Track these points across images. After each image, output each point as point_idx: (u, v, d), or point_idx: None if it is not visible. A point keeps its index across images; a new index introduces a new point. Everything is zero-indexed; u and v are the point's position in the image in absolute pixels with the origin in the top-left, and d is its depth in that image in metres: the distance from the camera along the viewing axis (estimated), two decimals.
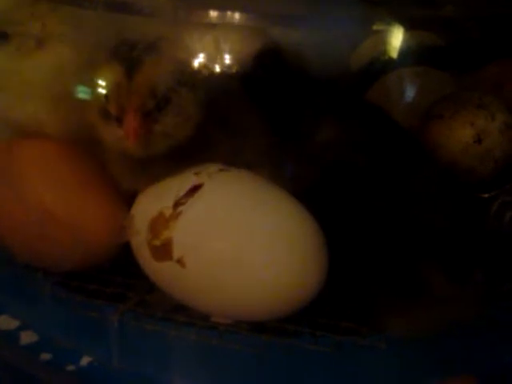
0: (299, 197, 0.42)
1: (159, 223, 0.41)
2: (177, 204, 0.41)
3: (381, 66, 0.49)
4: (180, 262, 0.40)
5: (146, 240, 0.41)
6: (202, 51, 0.44)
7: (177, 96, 0.40)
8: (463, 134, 0.45)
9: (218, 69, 0.45)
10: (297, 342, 0.40)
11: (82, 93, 0.43)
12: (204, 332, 0.41)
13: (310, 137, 0.45)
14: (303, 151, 0.45)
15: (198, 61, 0.44)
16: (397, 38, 0.46)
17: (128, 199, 0.44)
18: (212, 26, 0.44)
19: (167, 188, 0.42)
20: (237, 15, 0.42)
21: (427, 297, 0.41)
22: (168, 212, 0.41)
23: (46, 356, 0.44)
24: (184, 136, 0.41)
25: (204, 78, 0.43)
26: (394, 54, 0.47)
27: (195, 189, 0.41)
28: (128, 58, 0.40)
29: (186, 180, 0.41)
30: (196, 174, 0.42)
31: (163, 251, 0.40)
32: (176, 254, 0.40)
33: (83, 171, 0.45)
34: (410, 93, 0.49)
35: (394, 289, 0.41)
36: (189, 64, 0.43)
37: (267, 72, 0.45)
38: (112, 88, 0.40)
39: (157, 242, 0.41)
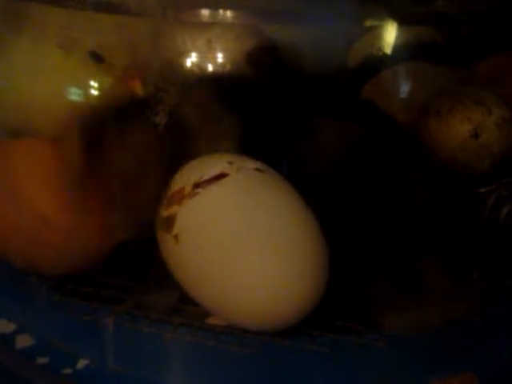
0: None
1: (176, 197, 0.41)
2: (197, 185, 0.41)
3: (376, 63, 0.49)
4: (176, 238, 0.40)
5: (161, 208, 0.42)
6: (194, 50, 0.44)
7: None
8: (460, 129, 0.45)
9: (210, 68, 0.44)
10: (293, 342, 0.40)
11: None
12: (200, 333, 0.41)
13: (304, 135, 0.45)
14: (298, 150, 0.44)
15: (191, 60, 0.43)
16: (392, 34, 0.46)
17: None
18: (203, 24, 0.43)
19: (199, 167, 0.42)
20: (229, 13, 0.41)
21: (425, 294, 0.40)
22: (187, 190, 0.41)
23: (42, 360, 0.43)
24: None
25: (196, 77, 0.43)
26: (390, 50, 0.47)
27: (219, 177, 0.41)
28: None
29: (217, 165, 0.41)
30: (229, 162, 0.41)
31: (168, 223, 0.41)
32: (175, 229, 0.40)
33: (77, 173, 0.45)
34: (406, 89, 0.49)
35: (391, 286, 0.41)
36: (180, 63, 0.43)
37: (261, 70, 0.45)
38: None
39: (165, 213, 0.41)
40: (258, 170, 0.41)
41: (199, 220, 0.40)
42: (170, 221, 0.41)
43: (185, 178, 0.42)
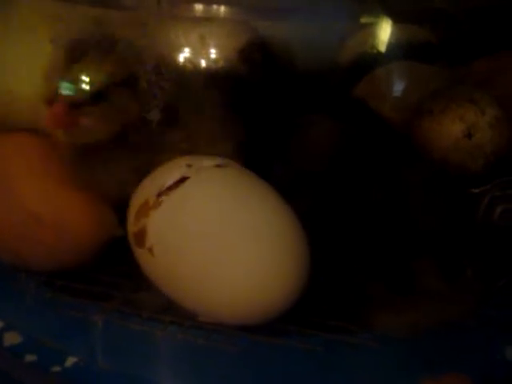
0: (286, 194, 0.41)
1: (142, 210, 0.41)
2: (160, 194, 0.40)
3: (370, 61, 0.49)
4: (150, 250, 0.40)
5: (130, 225, 0.41)
6: (186, 45, 0.43)
7: (115, 95, 0.40)
8: (453, 129, 0.45)
9: (202, 63, 0.44)
10: (285, 340, 0.40)
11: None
12: (190, 331, 0.40)
13: (296, 132, 0.45)
14: (289, 147, 0.44)
15: (183, 55, 0.43)
16: (386, 32, 0.46)
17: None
18: (197, 19, 0.43)
19: (160, 176, 0.42)
20: (222, 8, 0.41)
21: (419, 294, 0.40)
22: (152, 200, 0.40)
23: (30, 357, 0.43)
24: (114, 132, 0.42)
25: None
26: (384, 48, 0.47)
27: (180, 181, 0.40)
28: (76, 48, 0.40)
29: (177, 170, 0.41)
30: (188, 165, 0.41)
31: (139, 237, 0.40)
32: (148, 242, 0.40)
33: (66, 168, 0.44)
34: (399, 87, 0.48)
35: (384, 286, 0.41)
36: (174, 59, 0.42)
37: (253, 66, 0.45)
38: (51, 72, 0.40)
39: (135, 228, 0.41)
40: (218, 166, 0.41)
41: (170, 228, 0.40)
42: (141, 235, 0.40)
43: (147, 190, 0.42)
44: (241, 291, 0.39)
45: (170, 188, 0.40)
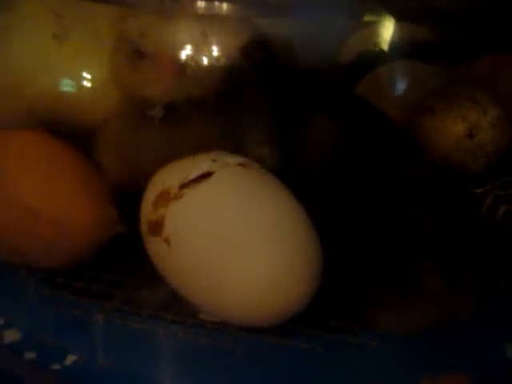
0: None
1: (161, 200, 0.40)
2: (183, 186, 0.40)
3: (371, 59, 0.49)
4: (167, 240, 0.40)
5: (146, 213, 0.41)
6: (187, 42, 0.43)
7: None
8: (455, 129, 0.45)
9: (204, 61, 0.44)
10: (287, 340, 0.39)
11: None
12: (192, 330, 0.40)
13: (297, 130, 0.45)
14: (290, 146, 0.44)
15: (185, 52, 0.43)
16: (388, 31, 0.46)
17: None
18: (198, 16, 0.43)
19: (182, 167, 0.41)
20: (224, 6, 0.41)
21: (420, 293, 0.40)
22: (173, 191, 0.40)
23: (30, 355, 0.43)
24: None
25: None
26: (385, 46, 0.47)
27: (205, 176, 0.40)
28: None
29: (202, 164, 0.41)
30: (213, 160, 0.41)
31: (156, 227, 0.40)
32: (165, 232, 0.40)
33: (66, 164, 0.44)
34: (400, 86, 0.48)
35: (386, 285, 0.41)
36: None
37: (254, 64, 0.45)
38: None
39: (153, 217, 0.41)
40: (241, 164, 0.41)
41: (189, 221, 0.40)
42: (159, 224, 0.40)
43: (167, 180, 0.41)
44: (253, 292, 0.38)
45: (194, 181, 0.40)
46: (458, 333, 0.41)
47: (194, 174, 0.40)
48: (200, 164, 0.41)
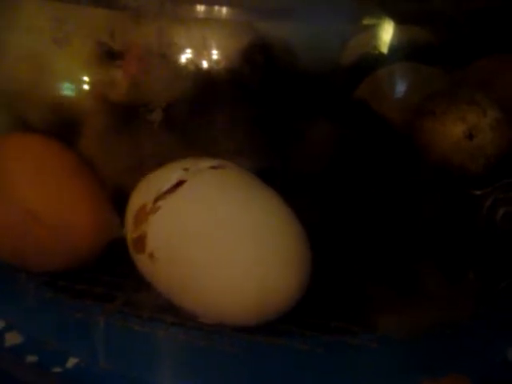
0: (287, 195, 0.41)
1: (140, 216, 0.41)
2: (157, 199, 0.40)
3: (371, 62, 0.49)
4: (151, 256, 0.40)
5: (129, 231, 0.41)
6: (189, 47, 0.43)
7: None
8: (454, 131, 0.45)
9: (204, 64, 0.44)
10: (286, 341, 0.39)
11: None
12: (192, 332, 0.40)
13: (298, 133, 0.45)
14: (291, 148, 0.44)
15: (186, 56, 0.43)
16: (388, 34, 0.46)
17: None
18: (198, 21, 0.43)
19: (155, 181, 0.42)
20: (224, 10, 0.41)
21: (420, 295, 0.40)
22: (149, 206, 0.40)
23: (31, 358, 0.43)
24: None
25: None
26: (385, 49, 0.47)
27: (177, 185, 0.40)
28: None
29: (173, 174, 0.41)
30: (184, 169, 0.41)
31: (139, 243, 0.40)
32: (148, 247, 0.40)
33: (66, 168, 0.44)
34: (400, 89, 0.48)
35: (385, 287, 0.41)
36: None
37: (255, 67, 0.45)
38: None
39: (135, 234, 0.41)
40: (214, 167, 0.41)
41: (169, 232, 0.40)
42: (141, 240, 0.40)
43: (143, 194, 0.42)
44: (240, 293, 0.39)
45: (167, 192, 0.40)
46: (458, 335, 0.41)
47: (166, 186, 0.41)
48: (171, 174, 0.41)
